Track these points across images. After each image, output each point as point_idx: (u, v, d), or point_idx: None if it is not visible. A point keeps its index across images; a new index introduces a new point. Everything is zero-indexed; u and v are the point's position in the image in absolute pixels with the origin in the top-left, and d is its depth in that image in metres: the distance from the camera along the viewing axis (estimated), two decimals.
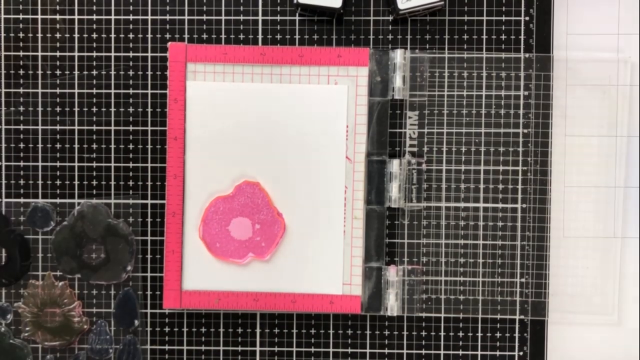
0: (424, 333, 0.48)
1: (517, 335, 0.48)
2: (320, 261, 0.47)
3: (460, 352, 0.48)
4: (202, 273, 0.47)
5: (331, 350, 0.48)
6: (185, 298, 0.47)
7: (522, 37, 0.48)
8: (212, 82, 0.47)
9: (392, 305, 0.47)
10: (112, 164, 0.48)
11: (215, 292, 0.47)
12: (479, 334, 0.48)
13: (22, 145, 0.48)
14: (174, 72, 0.47)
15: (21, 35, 0.48)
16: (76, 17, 0.48)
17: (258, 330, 0.49)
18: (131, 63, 0.48)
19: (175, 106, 0.47)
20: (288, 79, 0.47)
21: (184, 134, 0.47)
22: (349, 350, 0.48)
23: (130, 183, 0.48)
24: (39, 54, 0.48)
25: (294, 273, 0.47)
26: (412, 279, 0.47)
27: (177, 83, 0.47)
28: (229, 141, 0.47)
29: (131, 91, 0.48)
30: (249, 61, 0.47)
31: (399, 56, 0.47)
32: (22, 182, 0.48)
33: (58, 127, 0.48)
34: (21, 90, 0.48)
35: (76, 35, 0.48)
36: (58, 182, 0.48)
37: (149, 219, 0.48)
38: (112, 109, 0.48)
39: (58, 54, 0.48)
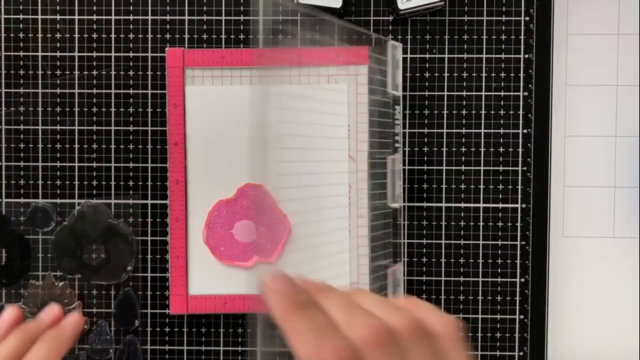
0: None
1: (517, 335, 0.48)
2: (327, 261, 0.47)
3: None
4: (208, 277, 0.47)
5: None
6: (191, 303, 0.47)
7: (522, 37, 0.48)
8: (211, 87, 0.47)
9: None
10: (112, 164, 0.48)
11: (221, 295, 0.47)
12: (479, 334, 0.48)
13: (22, 145, 0.48)
14: (172, 77, 0.47)
15: (21, 35, 0.48)
16: (76, 17, 0.48)
17: None
18: (131, 63, 0.48)
19: (175, 112, 0.47)
20: (287, 80, 0.47)
21: (185, 139, 0.47)
22: None
23: (131, 183, 0.48)
24: (39, 54, 0.48)
25: (300, 274, 0.47)
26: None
27: (176, 89, 0.47)
28: (229, 144, 0.47)
29: (131, 91, 0.48)
30: (247, 64, 0.47)
31: (399, 54, 0.47)
32: (22, 182, 0.48)
33: (58, 127, 0.48)
34: (21, 90, 0.48)
35: (76, 35, 0.48)
36: (58, 182, 0.48)
37: (149, 219, 0.48)
38: (112, 109, 0.48)
39: (58, 54, 0.48)
